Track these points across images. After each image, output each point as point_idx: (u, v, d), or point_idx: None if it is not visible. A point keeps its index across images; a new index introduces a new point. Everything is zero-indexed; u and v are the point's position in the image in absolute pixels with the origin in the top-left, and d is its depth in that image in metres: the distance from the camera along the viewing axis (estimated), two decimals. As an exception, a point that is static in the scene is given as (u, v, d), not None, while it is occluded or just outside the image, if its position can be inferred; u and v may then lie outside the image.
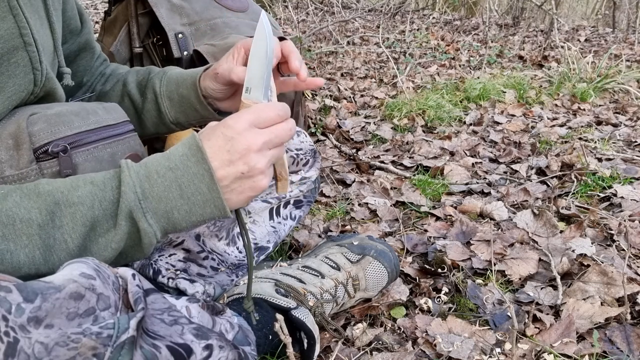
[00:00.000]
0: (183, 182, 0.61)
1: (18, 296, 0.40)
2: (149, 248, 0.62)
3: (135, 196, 0.59)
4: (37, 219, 0.55)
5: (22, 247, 0.54)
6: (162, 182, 0.60)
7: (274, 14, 4.67)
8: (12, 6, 0.63)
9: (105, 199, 0.58)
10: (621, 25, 5.40)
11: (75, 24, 0.88)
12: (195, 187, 0.61)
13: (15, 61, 0.64)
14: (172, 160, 0.62)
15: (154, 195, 0.60)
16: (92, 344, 0.41)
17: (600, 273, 1.04)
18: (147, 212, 0.59)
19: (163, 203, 0.60)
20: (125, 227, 0.59)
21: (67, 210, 0.56)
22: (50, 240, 0.55)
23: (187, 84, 0.88)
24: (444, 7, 6.26)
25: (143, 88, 0.92)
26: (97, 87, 0.98)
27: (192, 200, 0.61)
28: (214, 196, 0.62)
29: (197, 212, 0.62)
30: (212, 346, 0.52)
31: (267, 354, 0.85)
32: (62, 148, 0.66)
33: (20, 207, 0.55)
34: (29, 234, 0.54)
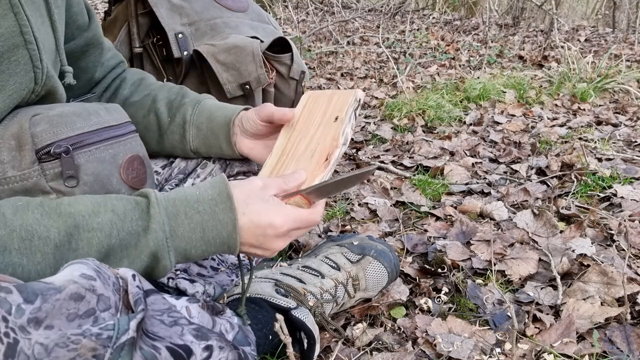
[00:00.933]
0: (207, 227, 0.64)
1: (18, 297, 0.40)
2: (160, 277, 0.65)
3: (164, 235, 0.62)
4: (55, 239, 0.56)
5: (34, 264, 0.54)
6: (189, 224, 0.64)
7: (274, 14, 4.67)
8: (13, 4, 0.63)
9: (123, 229, 0.60)
10: (621, 25, 5.40)
11: (82, 19, 0.87)
12: (217, 232, 0.65)
13: (16, 59, 0.64)
14: (200, 202, 0.65)
15: (178, 235, 0.63)
16: (92, 345, 0.41)
17: (600, 273, 1.04)
18: (170, 250, 0.62)
19: (185, 242, 0.64)
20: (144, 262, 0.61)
21: (85, 235, 0.57)
22: (63, 261, 0.55)
23: (219, 121, 0.89)
24: (444, 7, 6.26)
25: (173, 110, 0.93)
26: (121, 92, 0.97)
27: (211, 242, 0.65)
28: (231, 243, 0.66)
29: (211, 251, 0.66)
30: (212, 347, 0.52)
31: (267, 354, 0.85)
32: (64, 149, 0.66)
33: (40, 225, 0.56)
34: (44, 252, 0.55)
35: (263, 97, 1.48)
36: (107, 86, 0.97)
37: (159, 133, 0.94)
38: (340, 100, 0.81)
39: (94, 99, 0.95)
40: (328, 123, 0.80)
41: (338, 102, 0.81)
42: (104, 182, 0.70)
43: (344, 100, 0.80)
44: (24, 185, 0.65)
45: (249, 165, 0.96)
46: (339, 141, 0.77)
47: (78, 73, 0.89)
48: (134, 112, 0.94)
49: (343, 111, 0.79)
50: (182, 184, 0.94)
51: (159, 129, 0.93)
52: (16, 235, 0.54)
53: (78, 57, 0.89)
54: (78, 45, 0.88)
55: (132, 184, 0.75)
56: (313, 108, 0.84)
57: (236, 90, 1.38)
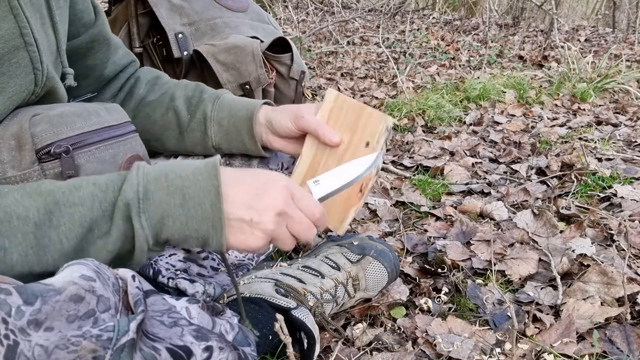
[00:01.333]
0: (188, 193, 0.60)
1: (18, 299, 0.40)
2: (141, 255, 0.60)
3: (136, 195, 0.58)
4: (34, 218, 0.55)
5: (16, 245, 0.53)
6: (167, 187, 0.60)
7: (274, 14, 4.67)
8: (13, 6, 0.62)
9: (105, 200, 0.58)
10: (621, 25, 5.40)
11: (88, 17, 0.86)
12: (199, 200, 0.60)
13: (17, 61, 0.64)
14: (184, 169, 0.61)
15: (154, 198, 0.59)
16: (92, 346, 0.41)
17: (600, 273, 1.04)
18: (142, 212, 0.58)
19: (161, 208, 0.59)
20: (121, 228, 0.58)
21: (66, 210, 0.56)
22: (44, 240, 0.55)
23: (240, 115, 0.88)
24: (444, 7, 6.26)
25: (192, 106, 0.92)
26: (136, 92, 0.96)
27: (191, 213, 0.60)
28: (214, 215, 0.60)
29: (192, 226, 0.60)
30: (212, 347, 0.52)
31: (267, 354, 0.85)
32: (64, 149, 0.66)
33: (19, 205, 0.55)
34: (24, 232, 0.54)
35: (263, 97, 1.48)
36: (121, 86, 0.96)
37: (179, 131, 0.93)
38: (371, 122, 0.79)
39: (107, 99, 0.94)
40: (358, 146, 0.80)
41: (368, 123, 0.79)
42: (104, 182, 0.70)
43: (375, 124, 0.79)
44: None
45: (249, 164, 0.96)
46: (372, 172, 0.78)
47: (86, 71, 0.88)
48: (151, 112, 0.94)
49: (374, 138, 0.78)
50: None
51: (179, 126, 0.93)
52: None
53: (84, 55, 0.88)
54: (83, 42, 0.86)
55: (132, 184, 0.74)
56: (340, 118, 0.82)
57: (236, 90, 1.38)
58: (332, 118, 0.83)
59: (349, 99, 0.83)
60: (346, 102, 0.83)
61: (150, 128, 0.95)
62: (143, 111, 0.95)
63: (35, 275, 0.53)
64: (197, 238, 0.61)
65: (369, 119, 0.80)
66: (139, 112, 0.95)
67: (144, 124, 0.95)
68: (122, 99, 0.96)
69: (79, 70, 0.87)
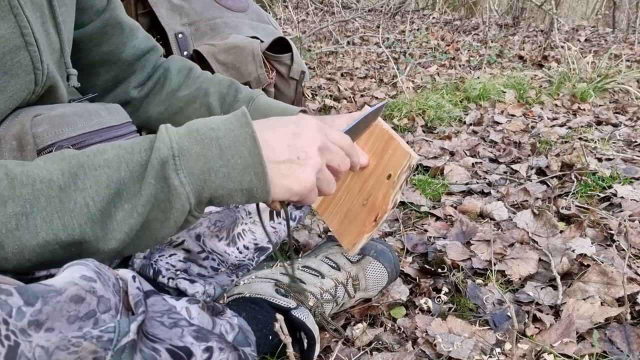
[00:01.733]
0: (223, 143, 0.57)
1: (19, 299, 0.40)
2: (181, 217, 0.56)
3: (170, 151, 0.55)
4: (59, 181, 0.52)
5: (39, 210, 0.51)
6: (202, 140, 0.56)
7: (274, 14, 4.67)
8: (13, 5, 0.62)
9: (132, 160, 0.55)
10: (621, 25, 5.40)
11: (100, 3, 0.85)
12: (236, 149, 0.57)
13: (18, 61, 0.64)
14: (214, 122, 0.59)
15: (191, 153, 0.56)
16: (93, 347, 0.41)
17: (600, 273, 1.04)
18: (180, 169, 0.55)
19: (201, 162, 0.56)
20: (152, 188, 0.54)
21: (91, 173, 0.54)
22: (70, 203, 0.52)
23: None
24: (444, 7, 6.26)
25: (226, 105, 0.92)
26: (168, 83, 0.94)
27: (231, 162, 0.57)
28: (254, 161, 0.57)
29: (235, 177, 0.57)
30: (212, 348, 0.52)
31: (267, 354, 0.85)
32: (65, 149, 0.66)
33: (42, 169, 0.53)
34: (48, 195, 0.52)
35: (263, 97, 1.48)
36: (149, 75, 0.94)
37: None
38: (396, 155, 0.78)
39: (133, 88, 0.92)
40: (382, 175, 0.80)
41: (394, 156, 0.79)
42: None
43: (399, 159, 0.78)
44: None
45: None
46: (389, 206, 0.79)
47: (103, 57, 0.88)
48: (184, 105, 0.94)
49: (396, 173, 0.78)
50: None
51: None
52: (17, 182, 0.51)
53: (99, 41, 0.87)
54: (96, 27, 0.85)
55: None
56: (370, 141, 0.82)
57: (236, 90, 1.38)
58: (362, 140, 0.83)
59: (381, 123, 0.81)
60: (377, 127, 0.81)
61: (182, 122, 0.93)
62: (175, 104, 0.95)
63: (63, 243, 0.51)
64: (242, 190, 0.58)
65: (395, 152, 0.79)
66: (171, 105, 0.95)
67: (175, 117, 0.95)
68: (151, 88, 0.95)
69: (97, 57, 0.87)
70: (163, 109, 0.95)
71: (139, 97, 0.94)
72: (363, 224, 0.84)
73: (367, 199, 0.83)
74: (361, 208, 0.85)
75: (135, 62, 0.93)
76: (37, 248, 0.50)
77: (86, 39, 0.84)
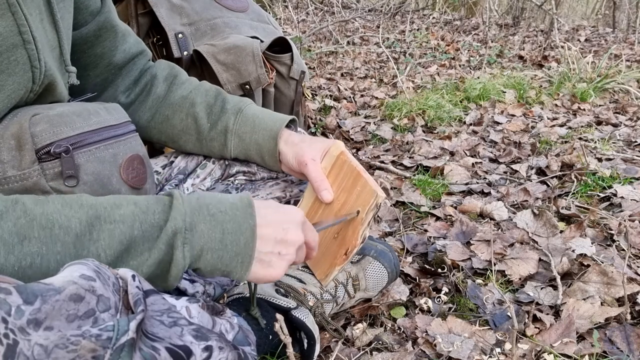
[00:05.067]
0: (227, 229, 0.63)
1: (18, 298, 0.40)
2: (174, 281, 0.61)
3: (183, 225, 0.60)
4: (76, 229, 0.55)
5: (54, 254, 0.53)
6: (210, 220, 0.62)
7: (274, 14, 4.67)
8: (11, 3, 0.62)
9: (146, 221, 0.59)
10: (621, 25, 5.40)
11: (94, 5, 0.86)
12: (235, 237, 0.63)
13: (15, 59, 0.64)
14: (222, 203, 0.64)
15: (198, 230, 0.61)
16: (92, 346, 0.41)
17: (600, 273, 1.04)
18: (187, 243, 0.60)
19: (203, 241, 0.61)
20: (161, 252, 0.59)
21: (106, 226, 0.57)
22: (84, 252, 0.55)
23: (263, 134, 0.90)
24: (444, 7, 6.26)
25: (214, 116, 0.92)
26: (154, 90, 0.95)
27: (228, 248, 0.63)
28: (246, 252, 0.64)
29: (225, 261, 0.63)
30: (212, 347, 0.52)
31: (267, 354, 0.85)
32: (64, 149, 0.66)
33: (61, 214, 0.55)
34: (65, 241, 0.54)
35: (263, 97, 1.48)
36: (136, 80, 0.95)
37: (197, 137, 0.93)
38: (364, 193, 0.81)
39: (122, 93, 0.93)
40: (352, 209, 0.83)
41: (362, 193, 0.82)
42: (104, 181, 0.70)
43: (367, 197, 0.81)
44: (23, 185, 0.65)
45: (249, 166, 0.96)
46: (358, 241, 0.83)
47: (95, 59, 0.88)
48: (170, 114, 0.94)
49: (364, 210, 0.81)
50: (182, 184, 0.94)
51: (198, 134, 0.93)
52: (36, 224, 0.53)
53: (93, 43, 0.87)
54: (90, 30, 0.86)
55: (132, 183, 0.74)
56: (339, 177, 0.85)
57: (236, 90, 1.38)
58: (332, 173, 0.86)
59: (350, 160, 0.84)
60: (346, 164, 0.84)
61: (168, 131, 0.95)
62: (162, 113, 0.95)
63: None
64: (223, 271, 0.64)
65: (363, 189, 0.82)
66: (157, 113, 0.95)
67: (162, 126, 0.95)
68: (138, 95, 0.95)
69: (89, 59, 0.87)
70: (150, 116, 0.95)
71: (126, 103, 0.93)
72: (334, 257, 0.87)
73: (338, 232, 0.87)
74: (332, 241, 0.88)
75: (124, 65, 0.93)
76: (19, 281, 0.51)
77: (80, 41, 0.84)
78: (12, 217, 0.52)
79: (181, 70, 1.00)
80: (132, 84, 0.95)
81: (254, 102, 0.96)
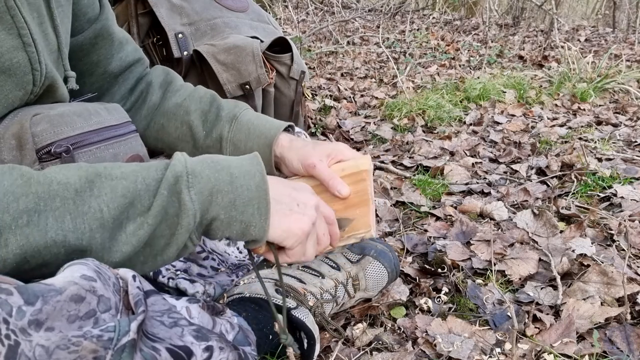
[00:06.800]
0: (234, 172, 0.61)
1: (19, 299, 0.40)
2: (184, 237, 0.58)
3: (184, 169, 0.58)
4: (75, 184, 0.53)
5: (52, 210, 0.51)
6: (214, 166, 0.60)
7: (274, 13, 4.67)
8: (10, 6, 0.62)
9: (148, 176, 0.57)
10: (621, 25, 5.40)
11: (92, 12, 0.85)
12: (245, 181, 0.61)
13: (17, 61, 0.64)
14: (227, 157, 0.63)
15: (202, 175, 0.59)
16: (93, 346, 0.41)
17: (600, 273, 1.04)
18: (192, 187, 0.57)
19: (211, 183, 0.59)
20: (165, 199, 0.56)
21: (107, 182, 0.55)
22: (85, 207, 0.53)
23: (258, 142, 0.89)
24: (444, 7, 6.26)
25: (209, 124, 0.92)
26: (149, 98, 0.95)
27: (239, 191, 0.60)
28: (260, 195, 0.61)
29: (239, 206, 0.60)
30: (212, 347, 0.52)
31: (267, 353, 0.85)
32: (64, 149, 0.66)
33: (59, 173, 0.53)
34: (64, 196, 0.52)
35: (263, 97, 1.48)
36: (132, 88, 0.94)
37: (193, 144, 0.93)
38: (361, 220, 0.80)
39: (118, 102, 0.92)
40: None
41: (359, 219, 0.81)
42: (104, 182, 0.70)
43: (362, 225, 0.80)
44: None
45: None
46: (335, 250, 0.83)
47: (91, 67, 0.88)
48: (165, 123, 0.94)
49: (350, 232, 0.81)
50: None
51: (194, 141, 0.93)
52: (34, 181, 0.51)
53: (89, 51, 0.87)
54: (87, 37, 0.85)
55: (132, 184, 0.74)
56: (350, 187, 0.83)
57: (236, 90, 1.38)
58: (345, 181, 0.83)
59: (369, 182, 0.82)
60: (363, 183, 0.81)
61: (164, 138, 0.95)
62: (157, 121, 0.94)
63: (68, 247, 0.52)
64: (241, 222, 0.61)
65: (361, 217, 0.80)
66: (153, 121, 0.95)
67: (158, 134, 0.95)
68: (133, 103, 0.95)
69: (85, 67, 0.86)
70: (145, 125, 0.94)
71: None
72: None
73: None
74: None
75: (120, 74, 0.92)
76: (42, 248, 0.50)
77: (76, 48, 0.83)
78: (8, 178, 0.50)
79: (176, 76, 1.00)
80: (128, 93, 0.94)
81: (250, 108, 0.95)
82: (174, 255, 0.59)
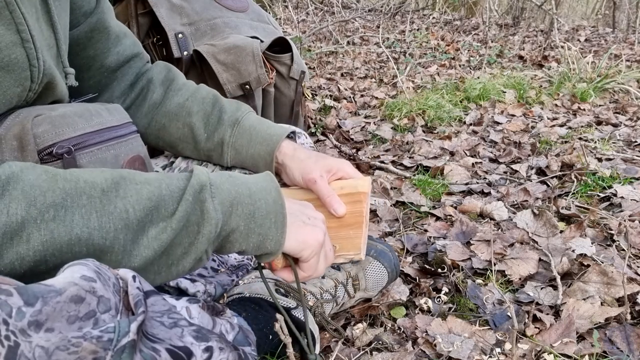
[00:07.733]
0: (252, 187, 0.63)
1: (19, 300, 0.40)
2: (202, 247, 0.58)
3: (208, 180, 0.59)
4: (102, 184, 0.53)
5: (79, 207, 0.51)
6: (233, 181, 0.62)
7: (274, 13, 4.67)
8: (9, 2, 0.62)
9: (172, 184, 0.58)
10: (621, 25, 5.40)
11: (88, 5, 0.85)
12: (262, 195, 0.63)
13: (15, 57, 0.64)
14: (243, 174, 0.65)
15: (223, 188, 0.60)
16: (93, 347, 0.41)
17: (600, 273, 1.04)
18: (215, 196, 0.59)
19: (232, 195, 0.61)
20: (190, 205, 0.57)
21: (132, 186, 0.55)
22: (111, 206, 0.53)
23: (261, 149, 0.89)
24: (444, 7, 6.25)
25: (210, 126, 0.92)
26: (150, 95, 0.94)
27: (257, 204, 0.62)
28: (277, 209, 0.64)
29: (258, 219, 0.62)
30: (212, 348, 0.52)
31: (267, 353, 0.85)
32: (66, 150, 0.66)
33: (86, 173, 0.54)
34: (90, 195, 0.52)
35: (263, 97, 1.48)
36: (131, 84, 0.93)
37: (195, 146, 0.93)
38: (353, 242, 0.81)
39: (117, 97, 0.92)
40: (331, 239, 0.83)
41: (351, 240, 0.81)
42: (105, 182, 0.70)
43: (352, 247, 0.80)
44: None
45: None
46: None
47: (88, 62, 0.87)
48: (167, 123, 0.93)
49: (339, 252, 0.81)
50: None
51: (195, 142, 0.93)
52: (60, 178, 0.51)
53: (85, 45, 0.86)
54: (82, 31, 0.85)
55: (132, 184, 0.74)
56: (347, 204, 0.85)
57: (236, 90, 1.38)
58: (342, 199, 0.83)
59: (365, 204, 0.83)
60: (359, 205, 0.82)
61: (165, 138, 0.95)
62: (158, 121, 0.94)
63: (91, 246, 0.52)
64: (259, 234, 0.63)
65: (352, 238, 0.81)
66: (154, 120, 0.94)
67: (159, 133, 0.95)
68: (134, 100, 0.94)
69: (82, 61, 0.86)
70: (146, 123, 0.94)
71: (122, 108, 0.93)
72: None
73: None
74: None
75: (118, 68, 0.91)
76: (65, 246, 0.50)
77: (72, 43, 0.83)
78: (33, 173, 0.50)
79: (178, 73, 0.99)
80: (128, 89, 0.93)
81: (252, 110, 0.95)
82: (189, 266, 0.60)
